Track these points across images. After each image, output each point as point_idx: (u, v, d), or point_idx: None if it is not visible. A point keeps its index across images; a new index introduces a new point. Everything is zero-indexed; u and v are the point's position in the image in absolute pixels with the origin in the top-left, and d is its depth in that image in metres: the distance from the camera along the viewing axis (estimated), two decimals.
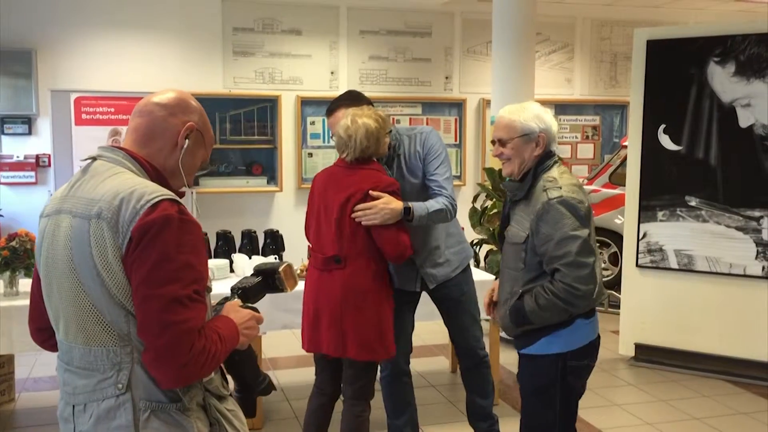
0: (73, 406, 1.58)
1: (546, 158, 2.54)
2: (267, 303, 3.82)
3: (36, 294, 1.73)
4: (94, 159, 1.64)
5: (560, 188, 2.43)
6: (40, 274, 1.66)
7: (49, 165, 6.60)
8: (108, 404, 1.52)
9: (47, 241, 1.61)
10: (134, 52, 6.86)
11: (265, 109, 7.25)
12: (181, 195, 1.68)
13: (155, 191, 1.52)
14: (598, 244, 2.57)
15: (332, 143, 8.45)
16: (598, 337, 2.57)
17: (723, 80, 4.71)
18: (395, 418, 3.42)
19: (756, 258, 4.67)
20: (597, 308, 2.52)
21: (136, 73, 6.80)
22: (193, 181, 1.76)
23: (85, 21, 6.71)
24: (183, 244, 1.50)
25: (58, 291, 1.58)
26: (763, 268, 4.65)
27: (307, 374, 4.91)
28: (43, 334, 1.74)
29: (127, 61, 6.82)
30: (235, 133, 7.14)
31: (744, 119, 4.68)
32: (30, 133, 6.66)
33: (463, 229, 3.60)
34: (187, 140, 1.67)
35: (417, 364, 5.04)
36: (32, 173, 6.61)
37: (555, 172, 2.50)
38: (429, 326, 5.17)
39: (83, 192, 1.58)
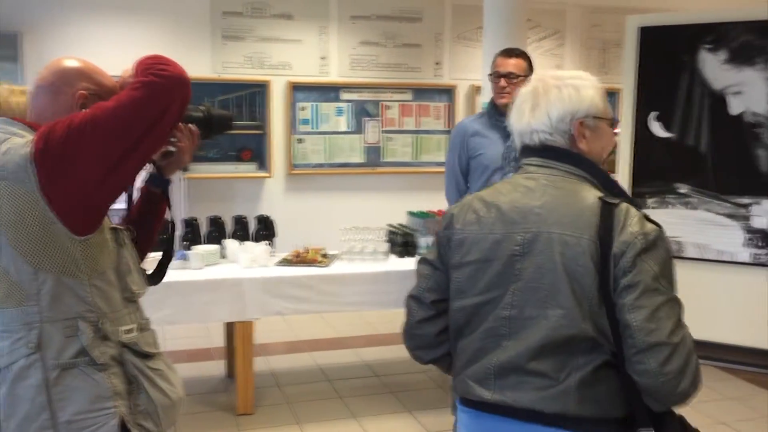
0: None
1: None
2: (259, 289, 3.85)
3: None
4: None
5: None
6: None
7: None
8: (21, 364, 1.53)
9: None
10: (122, 35, 6.78)
11: (254, 95, 7.20)
12: None
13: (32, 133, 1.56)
14: None
15: (322, 129, 8.32)
16: None
17: (714, 68, 4.72)
18: None
19: (744, 245, 4.70)
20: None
21: (125, 57, 6.64)
22: None
23: (72, 3, 6.63)
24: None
25: None
26: (751, 255, 4.69)
27: (298, 360, 4.93)
28: None
29: (115, 44, 6.74)
30: None
31: (735, 107, 4.69)
32: None
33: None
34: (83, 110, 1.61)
35: None
36: None
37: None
38: None
39: None
